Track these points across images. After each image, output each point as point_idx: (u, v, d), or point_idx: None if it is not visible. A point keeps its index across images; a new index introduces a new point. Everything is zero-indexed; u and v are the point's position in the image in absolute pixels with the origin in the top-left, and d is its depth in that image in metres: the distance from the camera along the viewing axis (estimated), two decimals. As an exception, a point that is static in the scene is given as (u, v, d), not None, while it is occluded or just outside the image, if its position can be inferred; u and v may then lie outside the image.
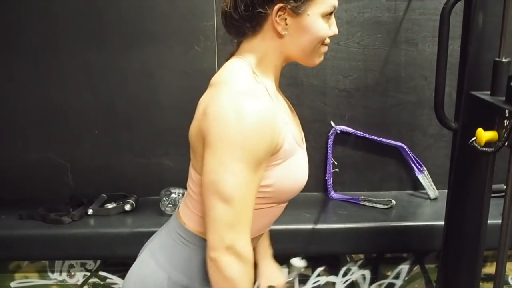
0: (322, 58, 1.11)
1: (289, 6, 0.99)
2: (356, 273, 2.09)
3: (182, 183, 2.01)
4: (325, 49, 1.09)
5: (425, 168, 2.04)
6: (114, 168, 2.07)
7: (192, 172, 1.10)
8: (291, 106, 1.19)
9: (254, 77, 1.03)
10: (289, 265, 1.38)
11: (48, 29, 1.94)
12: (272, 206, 1.10)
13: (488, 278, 2.06)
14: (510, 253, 2.02)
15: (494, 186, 1.45)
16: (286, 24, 1.02)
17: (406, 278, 2.13)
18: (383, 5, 1.92)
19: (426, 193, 2.05)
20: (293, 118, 1.15)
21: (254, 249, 1.27)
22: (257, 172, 0.96)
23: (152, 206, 1.99)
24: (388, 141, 2.01)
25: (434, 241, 1.87)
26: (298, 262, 1.36)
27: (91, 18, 1.94)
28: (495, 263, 1.26)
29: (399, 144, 2.01)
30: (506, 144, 1.07)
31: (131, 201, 1.96)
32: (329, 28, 1.05)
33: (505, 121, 1.08)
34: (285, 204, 1.15)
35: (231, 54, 1.12)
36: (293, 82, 1.96)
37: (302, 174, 1.09)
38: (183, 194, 1.94)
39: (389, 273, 2.12)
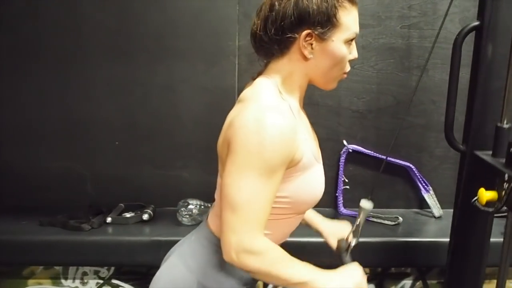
0: (336, 83, 1.21)
1: (316, 32, 1.08)
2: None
3: (198, 195, 2.11)
4: (344, 76, 1.19)
5: (430, 188, 2.13)
6: (132, 178, 2.13)
7: (219, 180, 1.19)
8: (310, 124, 1.28)
9: (280, 95, 1.12)
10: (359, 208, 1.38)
11: (75, 42, 2.02)
12: (291, 216, 1.19)
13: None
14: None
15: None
16: (312, 49, 1.11)
17: (410, 293, 2.20)
18: (397, 32, 2.02)
19: (431, 212, 2.13)
20: (312, 135, 1.25)
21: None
22: (270, 181, 1.03)
23: (169, 216, 2.06)
24: (397, 161, 2.10)
25: (438, 257, 1.95)
26: (366, 204, 1.36)
27: (117, 32, 2.02)
28: (493, 280, 1.33)
29: (407, 164, 2.10)
30: (504, 205, 1.17)
31: (149, 211, 2.03)
32: (350, 53, 1.15)
33: (505, 184, 1.18)
34: (303, 215, 1.24)
35: (259, 74, 1.22)
36: (309, 102, 2.05)
37: (319, 187, 1.18)
38: (200, 206, 2.01)
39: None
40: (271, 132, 1.00)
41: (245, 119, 1.03)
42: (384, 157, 2.08)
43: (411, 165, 2.09)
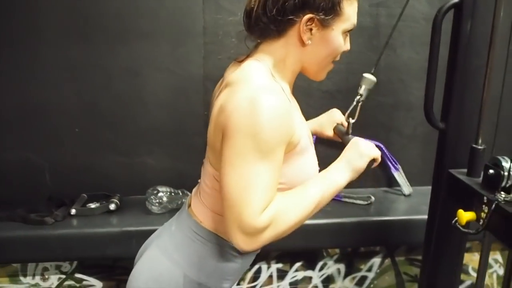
0: (326, 75, 1.19)
1: (318, 18, 1.05)
2: (332, 267, 2.18)
3: (165, 182, 2.03)
4: (331, 66, 1.17)
5: (399, 166, 2.15)
6: (94, 167, 2.02)
7: (209, 169, 1.12)
8: None
9: (272, 78, 1.07)
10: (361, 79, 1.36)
11: (28, 23, 1.86)
12: None
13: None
14: (469, 245, 2.18)
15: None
16: (311, 34, 1.07)
17: (378, 270, 2.23)
18: (365, 10, 2.00)
19: (401, 190, 2.16)
20: (303, 120, 1.21)
21: None
22: (272, 163, 0.98)
23: (136, 205, 1.97)
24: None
25: (410, 235, 1.99)
26: (370, 76, 1.34)
27: (74, 12, 1.87)
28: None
29: (376, 143, 2.10)
30: (486, 229, 1.18)
31: (115, 200, 1.93)
32: (344, 44, 1.13)
33: (483, 206, 1.20)
34: None
35: (247, 56, 1.16)
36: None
37: (313, 171, 1.15)
38: (170, 193, 1.93)
39: (362, 266, 2.22)
40: (267, 111, 0.96)
41: (238, 101, 0.98)
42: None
43: (380, 144, 2.09)
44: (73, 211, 1.87)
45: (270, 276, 2.14)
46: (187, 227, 1.18)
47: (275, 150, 0.99)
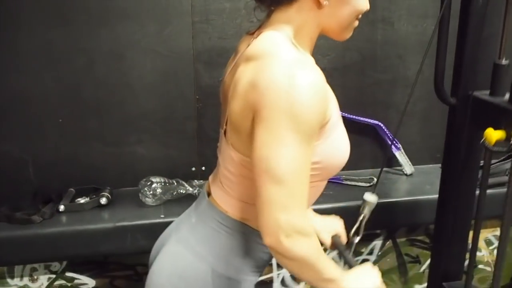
0: (351, 32, 1.08)
1: None
2: (333, 253, 2.11)
3: (157, 172, 1.91)
4: (356, 23, 1.06)
5: (400, 146, 2.09)
6: (81, 159, 1.89)
7: (233, 155, 1.01)
8: None
9: (297, 49, 0.97)
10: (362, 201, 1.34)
11: (2, 5, 1.70)
12: (319, 182, 1.06)
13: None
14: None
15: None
16: None
17: (379, 253, 2.19)
18: (361, -17, 1.91)
19: (402, 170, 2.10)
20: None
21: None
22: (310, 145, 0.91)
23: (128, 197, 1.86)
24: (365, 119, 2.02)
25: (415, 215, 1.94)
26: (371, 197, 1.32)
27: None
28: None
29: (376, 122, 2.03)
30: None
31: (106, 193, 1.81)
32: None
33: None
34: (326, 182, 1.12)
35: (259, 27, 1.06)
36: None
37: (347, 146, 1.06)
38: (164, 183, 1.83)
39: (363, 250, 2.17)
40: (306, 89, 0.87)
41: (273, 77, 0.88)
42: (352, 116, 2.01)
43: (380, 123, 2.02)
44: (61, 208, 1.74)
45: (270, 264, 2.07)
46: (211, 218, 1.09)
47: (315, 131, 0.91)
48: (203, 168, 1.99)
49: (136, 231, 1.69)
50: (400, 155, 2.06)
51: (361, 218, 1.32)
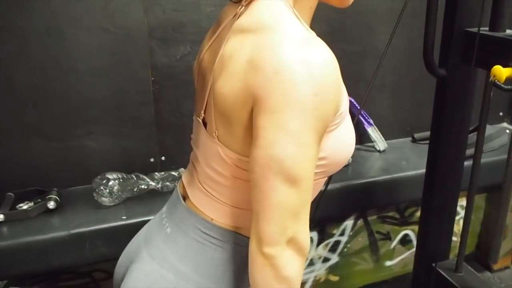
0: None
1: None
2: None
3: (111, 166, 1.68)
4: None
5: (372, 121, 1.98)
6: (19, 158, 1.63)
7: (223, 153, 0.82)
8: None
9: (300, 22, 0.80)
10: None
11: None
12: (321, 179, 0.91)
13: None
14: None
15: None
16: None
17: (351, 233, 2.10)
18: None
19: (374, 146, 2.00)
20: None
21: None
22: (320, 142, 0.76)
23: (81, 199, 1.64)
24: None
25: (394, 193, 1.86)
26: None
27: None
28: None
29: (350, 98, 1.91)
30: None
31: (53, 196, 1.56)
32: None
33: None
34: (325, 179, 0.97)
35: None
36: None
37: (353, 139, 0.90)
38: (120, 179, 1.60)
39: (335, 231, 2.07)
40: (326, 76, 0.72)
41: (284, 60, 0.71)
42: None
43: (351, 99, 1.89)
44: (0, 217, 1.48)
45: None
46: (192, 227, 0.89)
47: (329, 125, 0.77)
48: (163, 158, 1.78)
49: (94, 237, 1.47)
50: (373, 131, 1.96)
51: None
